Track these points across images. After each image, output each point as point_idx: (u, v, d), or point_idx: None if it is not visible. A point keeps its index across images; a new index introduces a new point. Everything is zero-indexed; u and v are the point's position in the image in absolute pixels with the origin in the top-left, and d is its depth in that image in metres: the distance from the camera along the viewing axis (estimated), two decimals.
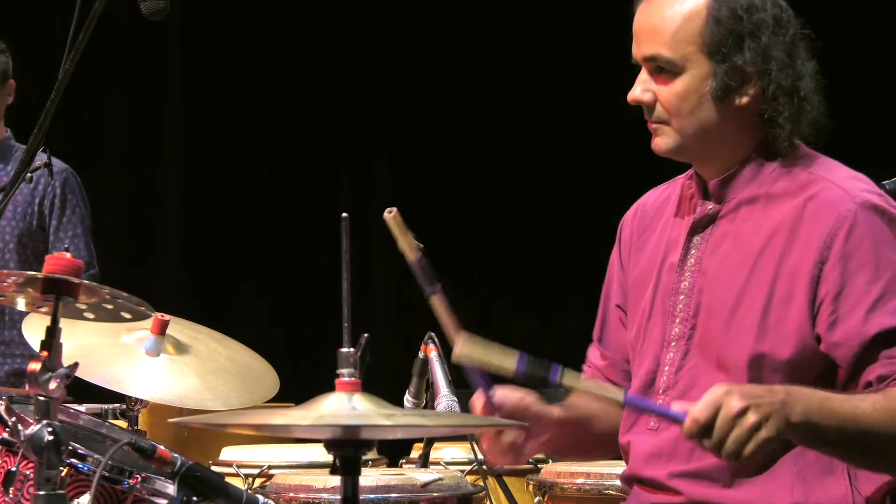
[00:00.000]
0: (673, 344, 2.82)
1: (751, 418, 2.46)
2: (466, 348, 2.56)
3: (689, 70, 2.74)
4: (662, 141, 2.79)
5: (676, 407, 2.54)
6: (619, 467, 2.95)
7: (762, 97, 2.74)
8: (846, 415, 2.55)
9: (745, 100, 2.75)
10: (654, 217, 2.96)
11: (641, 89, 2.78)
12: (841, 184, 2.73)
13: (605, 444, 3.00)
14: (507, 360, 2.55)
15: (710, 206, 2.82)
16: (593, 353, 3.05)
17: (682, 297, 2.82)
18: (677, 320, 2.82)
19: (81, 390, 4.88)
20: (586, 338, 3.07)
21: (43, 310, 2.73)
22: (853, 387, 2.65)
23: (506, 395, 2.75)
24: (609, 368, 2.99)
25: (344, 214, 2.32)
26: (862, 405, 2.57)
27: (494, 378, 2.69)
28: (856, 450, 2.60)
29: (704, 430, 2.48)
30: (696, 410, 2.48)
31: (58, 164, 5.24)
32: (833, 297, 2.65)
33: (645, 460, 2.80)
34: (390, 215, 2.58)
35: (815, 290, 2.67)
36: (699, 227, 2.83)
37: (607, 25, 3.24)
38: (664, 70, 2.76)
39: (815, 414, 2.52)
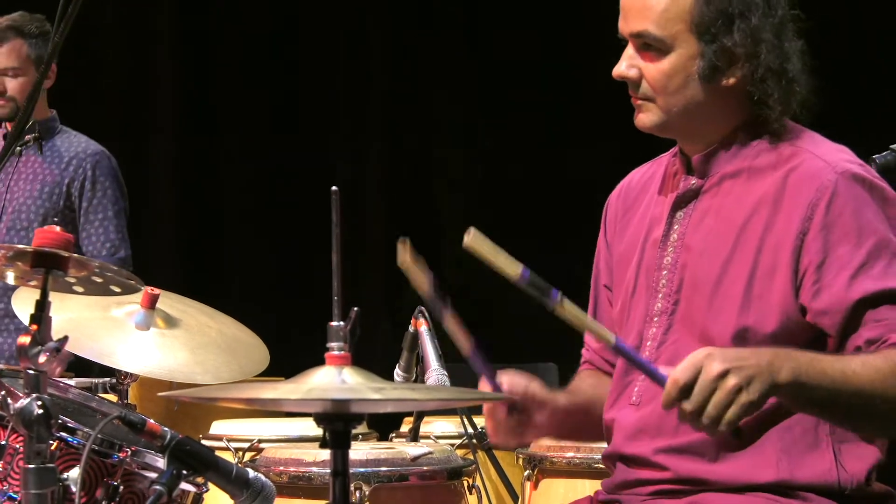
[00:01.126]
0: (655, 319, 2.82)
1: (731, 381, 2.44)
2: (476, 241, 2.53)
3: (677, 49, 2.74)
4: (646, 117, 2.79)
5: (662, 370, 2.54)
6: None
7: (750, 79, 2.74)
8: (836, 374, 2.54)
9: (732, 80, 2.74)
10: (638, 195, 2.96)
11: (627, 65, 2.78)
12: (822, 155, 2.74)
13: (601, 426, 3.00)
14: (511, 265, 2.53)
15: (693, 181, 2.83)
16: (589, 336, 3.05)
17: (664, 272, 2.82)
18: (660, 296, 2.82)
19: (71, 365, 4.90)
20: None
21: (32, 283, 2.72)
22: (843, 353, 2.65)
23: (512, 382, 2.75)
24: (604, 350, 2.99)
25: (334, 188, 2.32)
26: (852, 364, 2.56)
27: (495, 366, 2.69)
28: (846, 410, 2.59)
29: (684, 393, 2.46)
30: (677, 371, 2.47)
31: (93, 145, 5.24)
32: (816, 266, 2.66)
33: (629, 436, 2.80)
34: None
35: (797, 261, 2.68)
36: (682, 202, 2.83)
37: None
38: (651, 47, 2.75)
39: (804, 374, 2.51)
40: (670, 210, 2.84)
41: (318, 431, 2.23)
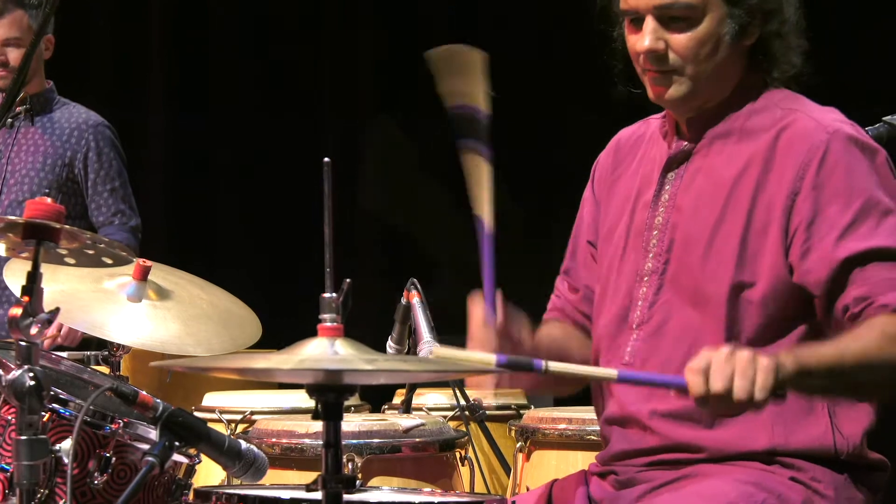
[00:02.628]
0: (646, 279, 2.82)
1: (744, 354, 2.43)
2: (441, 353, 2.51)
3: (709, 14, 2.74)
4: (676, 89, 2.77)
5: (672, 377, 2.53)
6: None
7: (768, 36, 2.77)
8: (833, 356, 2.54)
9: (752, 40, 2.77)
10: (627, 154, 2.97)
11: (653, 38, 2.76)
12: (814, 115, 2.75)
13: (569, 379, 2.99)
14: (484, 360, 2.51)
15: (685, 142, 2.83)
16: (563, 286, 3.04)
17: (655, 232, 2.83)
18: (650, 255, 2.83)
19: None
20: None
21: (24, 255, 2.71)
22: (832, 314, 2.66)
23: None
24: (581, 301, 3.00)
25: (326, 160, 2.31)
26: (844, 342, 2.57)
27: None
28: (851, 384, 2.59)
29: (705, 376, 2.44)
30: (690, 366, 2.46)
31: (94, 116, 5.23)
32: (806, 226, 2.67)
33: (623, 398, 2.81)
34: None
35: (788, 220, 2.69)
36: (673, 163, 2.84)
37: None
38: (678, 18, 2.74)
39: (804, 359, 2.51)
40: (661, 171, 2.85)
41: (311, 403, 2.23)
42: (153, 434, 2.77)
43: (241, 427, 4.47)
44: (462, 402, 4.66)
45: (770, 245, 2.70)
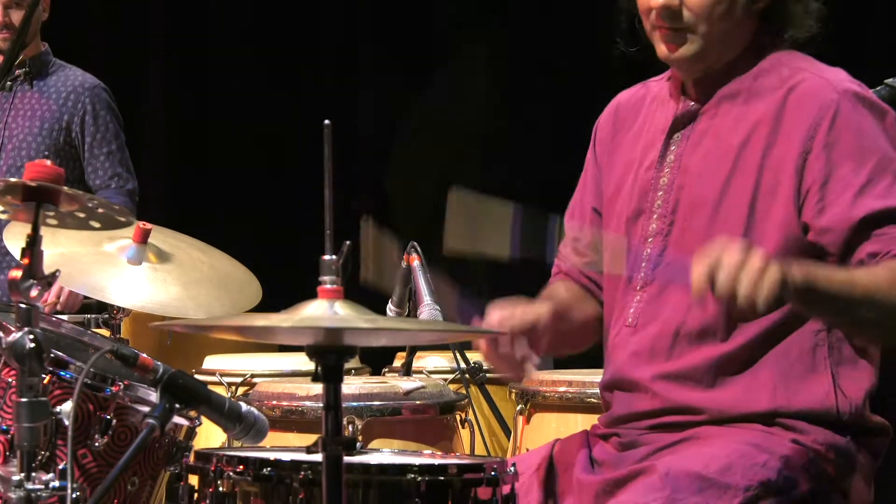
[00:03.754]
0: (650, 240, 2.82)
1: (755, 259, 2.43)
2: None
3: None
4: (688, 48, 2.76)
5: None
6: (599, 376, 2.97)
7: (777, 1, 2.76)
8: (842, 279, 2.56)
9: (764, 3, 2.76)
10: (628, 116, 2.96)
11: None
12: (822, 74, 2.74)
13: (585, 332, 3.00)
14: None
15: (692, 103, 2.82)
16: (567, 250, 3.04)
17: (660, 193, 2.82)
18: (655, 216, 2.82)
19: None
20: None
21: (23, 218, 2.71)
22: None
23: (504, 317, 2.73)
24: (586, 266, 3.00)
25: (326, 122, 2.30)
26: (856, 272, 2.59)
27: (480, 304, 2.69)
28: (854, 312, 2.59)
29: (711, 273, 2.42)
30: (699, 260, 2.44)
31: (90, 79, 5.22)
32: (819, 185, 2.66)
33: (626, 362, 2.81)
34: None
35: (799, 180, 2.68)
36: (679, 124, 2.83)
37: None
38: None
39: (811, 275, 2.51)
40: (667, 132, 2.84)
41: (311, 366, 2.23)
42: (153, 396, 2.78)
43: (241, 390, 4.48)
44: (462, 364, 4.66)
45: (780, 205, 2.69)
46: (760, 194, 2.71)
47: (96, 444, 2.97)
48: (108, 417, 2.98)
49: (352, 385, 3.84)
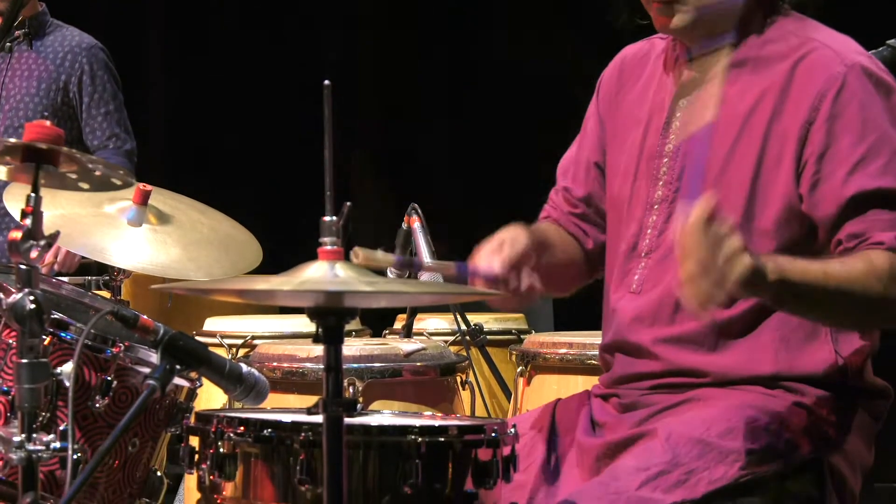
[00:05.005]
0: (656, 207, 2.82)
1: (736, 241, 2.39)
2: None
3: None
4: (679, 19, 2.74)
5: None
6: (600, 337, 2.97)
7: None
8: (817, 273, 2.52)
9: None
10: (632, 72, 2.95)
11: None
12: (831, 45, 2.72)
13: (566, 275, 3.00)
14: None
15: (696, 72, 2.81)
16: (558, 197, 3.03)
17: (665, 159, 2.81)
18: (660, 183, 2.82)
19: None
20: None
21: (23, 179, 2.70)
22: (827, 246, 2.66)
23: (492, 255, 2.71)
24: (577, 217, 2.99)
25: (326, 82, 2.29)
26: (831, 264, 2.56)
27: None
28: (827, 307, 2.58)
29: (684, 247, 2.39)
30: (680, 229, 2.40)
31: (87, 39, 5.20)
32: (817, 157, 2.65)
33: (628, 325, 2.81)
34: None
35: (801, 150, 2.67)
36: (685, 90, 2.82)
37: None
38: None
39: (787, 271, 2.49)
40: (673, 98, 2.82)
41: (312, 328, 2.23)
42: (154, 358, 2.77)
43: (242, 352, 4.49)
44: (463, 326, 4.66)
45: (783, 174, 2.69)
46: (765, 163, 2.70)
47: (97, 405, 2.98)
48: (109, 379, 2.98)
49: (352, 347, 3.84)
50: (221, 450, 2.43)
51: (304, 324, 4.51)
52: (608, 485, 2.53)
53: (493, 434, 2.43)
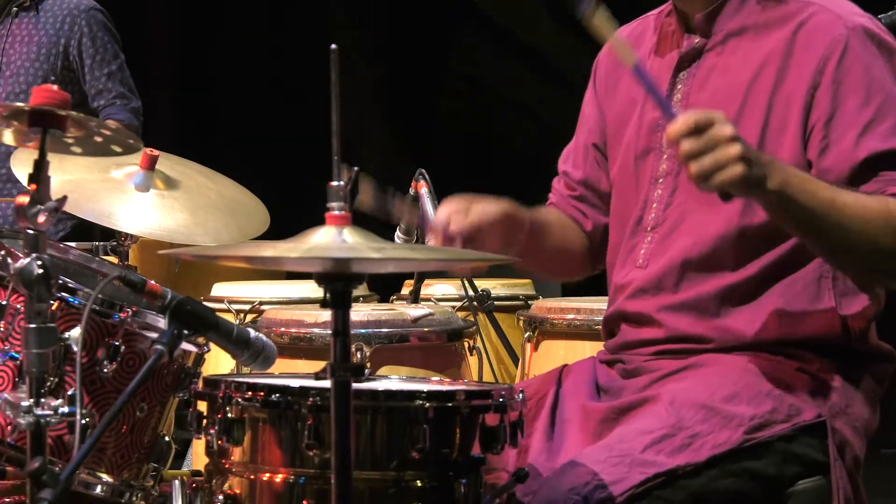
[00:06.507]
0: (661, 181, 2.81)
1: (736, 147, 2.39)
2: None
3: None
4: None
5: (675, 108, 2.50)
6: (607, 304, 2.96)
7: None
8: (825, 200, 2.52)
9: None
10: None
11: None
12: (832, 8, 2.71)
13: (562, 258, 3.00)
14: None
15: (697, 39, 2.79)
16: (560, 184, 3.04)
17: None
18: (664, 157, 2.81)
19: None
20: None
21: (30, 144, 2.70)
22: None
23: (452, 213, 2.70)
24: (577, 200, 2.99)
25: (333, 46, 2.28)
26: (844, 196, 2.55)
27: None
28: (827, 238, 2.56)
29: (691, 133, 2.40)
30: (692, 113, 2.42)
31: (84, 1, 5.18)
32: (824, 122, 2.64)
33: (632, 296, 2.81)
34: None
35: (807, 115, 2.66)
36: (685, 62, 2.80)
37: None
38: None
39: (792, 187, 2.48)
40: (673, 70, 2.81)
41: (319, 293, 2.23)
42: (162, 323, 2.78)
43: (249, 317, 4.49)
44: (470, 292, 4.66)
45: (788, 141, 2.67)
46: (769, 131, 2.69)
47: (105, 370, 2.98)
48: (117, 344, 2.99)
49: (360, 312, 3.84)
50: (229, 415, 2.43)
51: (312, 289, 4.51)
52: (612, 447, 2.53)
53: (501, 399, 2.43)
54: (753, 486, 2.60)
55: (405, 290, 4.86)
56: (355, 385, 2.22)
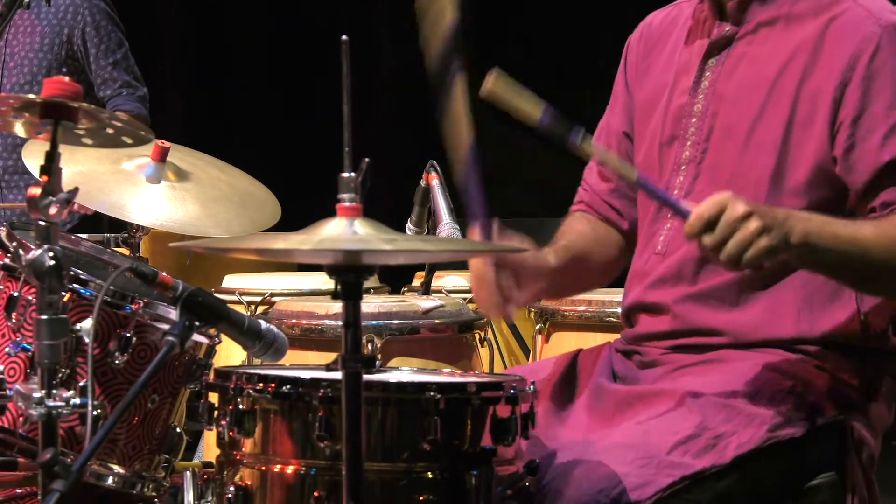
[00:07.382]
0: (683, 168, 2.80)
1: (754, 223, 2.42)
2: (497, 85, 2.51)
3: None
4: None
5: (685, 204, 2.52)
6: (620, 295, 2.96)
7: None
8: (847, 238, 2.53)
9: None
10: (660, 38, 2.92)
11: None
12: (865, 4, 2.70)
13: (604, 274, 3.01)
14: (533, 107, 2.50)
15: (728, 27, 2.79)
16: (592, 176, 3.03)
17: (694, 119, 2.79)
18: (688, 143, 2.80)
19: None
20: None
21: (41, 136, 2.70)
22: (859, 211, 2.64)
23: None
24: (610, 193, 2.98)
25: (344, 37, 2.28)
26: (863, 230, 2.55)
27: (491, 212, 2.66)
28: (854, 274, 2.58)
29: (707, 227, 2.43)
30: (702, 206, 2.45)
31: None
32: (852, 120, 2.63)
33: (650, 286, 2.80)
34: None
35: (835, 111, 2.65)
36: (715, 49, 2.79)
37: None
38: None
39: (815, 236, 2.50)
40: (702, 57, 2.80)
41: (330, 285, 2.22)
42: (173, 314, 2.78)
43: (260, 309, 4.49)
44: None
45: (815, 135, 2.66)
46: (795, 123, 2.68)
47: (116, 361, 2.99)
48: (128, 335, 2.99)
49: (371, 304, 3.84)
50: (241, 406, 2.43)
51: (323, 281, 4.50)
52: (637, 447, 2.51)
53: (512, 391, 2.43)
54: (772, 484, 2.60)
55: (416, 282, 4.86)
56: (366, 377, 2.22)
